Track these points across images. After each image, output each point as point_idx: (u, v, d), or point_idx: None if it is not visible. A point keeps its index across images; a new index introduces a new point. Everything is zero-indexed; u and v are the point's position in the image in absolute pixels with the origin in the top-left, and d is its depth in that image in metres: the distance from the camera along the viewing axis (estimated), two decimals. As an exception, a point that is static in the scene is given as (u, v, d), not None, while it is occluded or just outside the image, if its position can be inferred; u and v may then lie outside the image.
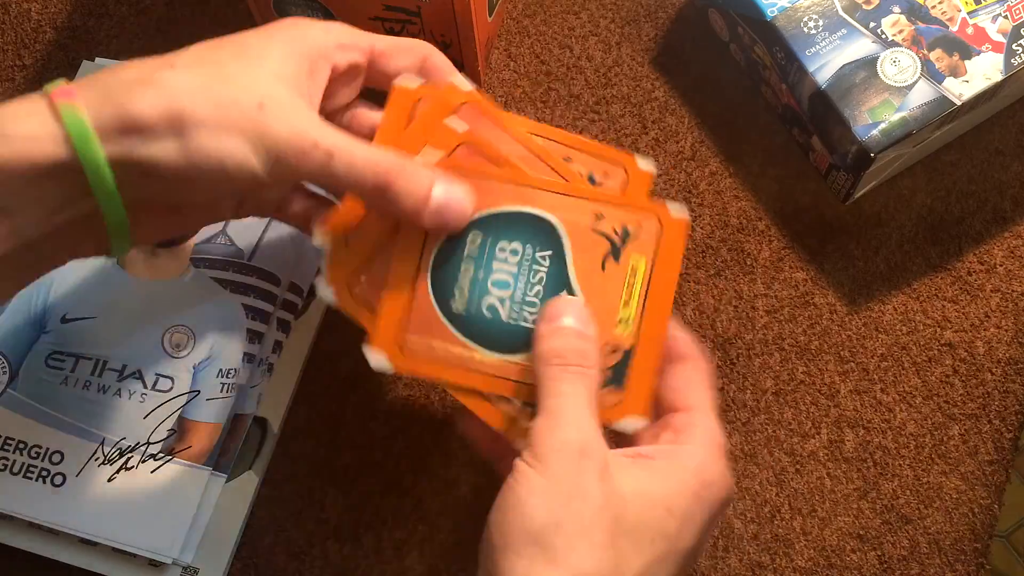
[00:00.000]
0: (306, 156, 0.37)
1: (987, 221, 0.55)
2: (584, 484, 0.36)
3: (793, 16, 0.52)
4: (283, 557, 0.50)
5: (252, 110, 0.37)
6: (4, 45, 0.60)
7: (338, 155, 0.38)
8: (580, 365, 0.40)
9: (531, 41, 0.59)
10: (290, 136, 0.37)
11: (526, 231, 0.42)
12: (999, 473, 0.52)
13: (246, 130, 0.36)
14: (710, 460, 0.40)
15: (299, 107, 0.38)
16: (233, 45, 0.39)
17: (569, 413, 0.38)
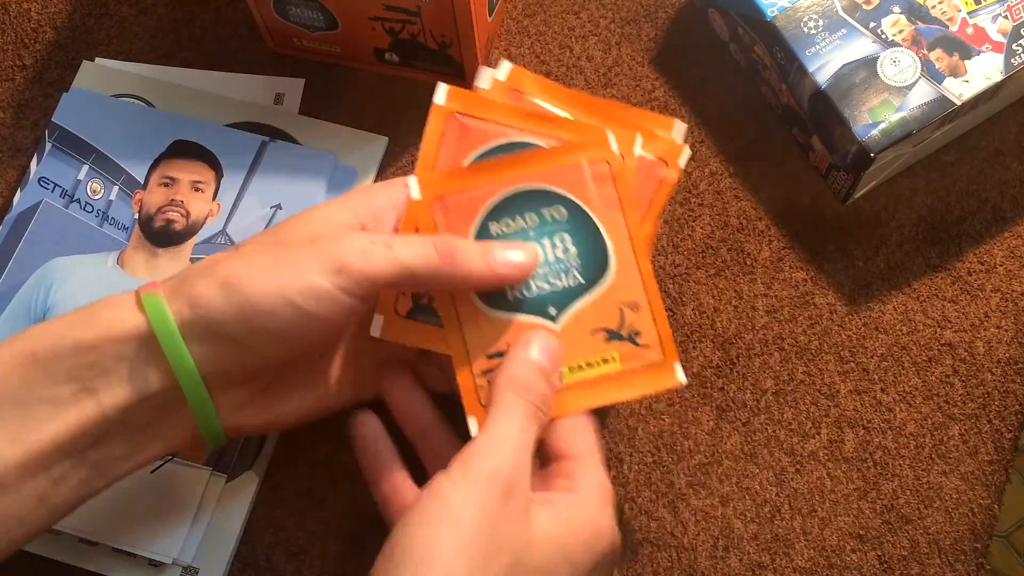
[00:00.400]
0: (368, 253, 0.39)
1: (987, 221, 0.55)
2: (496, 520, 0.37)
3: (793, 16, 0.52)
4: (283, 557, 0.50)
5: (303, 246, 0.39)
6: (4, 45, 0.60)
7: (396, 242, 0.40)
8: (539, 407, 0.41)
9: (531, 41, 0.59)
10: (346, 244, 0.39)
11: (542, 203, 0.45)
12: (999, 473, 0.52)
13: (303, 259, 0.39)
14: (601, 510, 0.41)
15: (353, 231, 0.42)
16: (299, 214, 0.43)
17: (511, 444, 0.39)
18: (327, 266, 0.38)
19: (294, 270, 0.38)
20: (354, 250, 0.39)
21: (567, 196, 0.45)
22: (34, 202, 0.54)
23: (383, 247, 0.39)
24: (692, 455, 0.52)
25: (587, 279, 0.44)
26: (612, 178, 0.45)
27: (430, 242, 0.40)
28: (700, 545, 0.50)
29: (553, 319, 0.44)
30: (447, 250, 0.40)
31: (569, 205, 0.45)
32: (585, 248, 0.45)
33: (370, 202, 0.43)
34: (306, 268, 0.38)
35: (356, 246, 0.39)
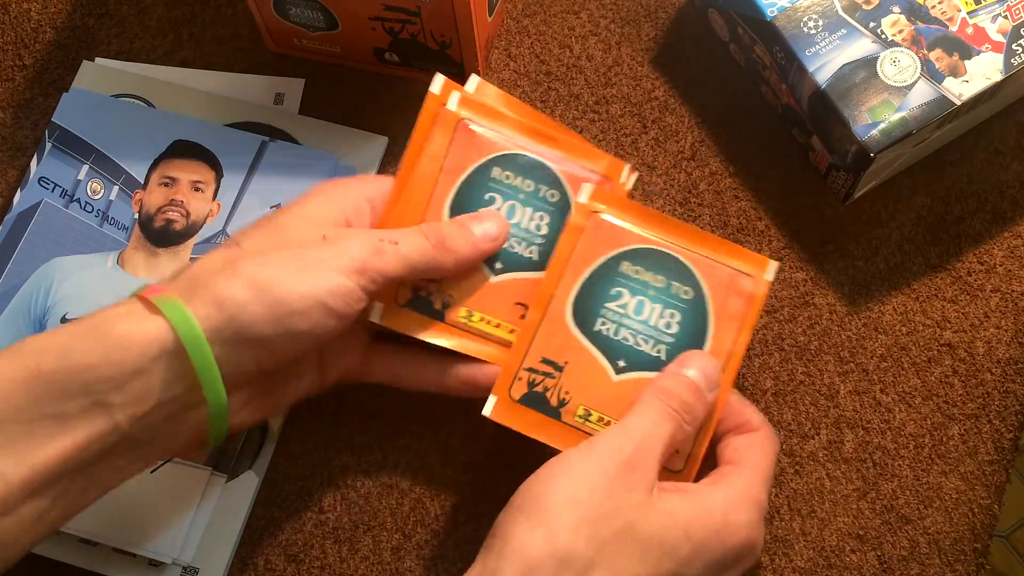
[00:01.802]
0: (382, 252, 0.41)
1: (987, 221, 0.55)
2: (612, 485, 0.39)
3: (793, 16, 0.52)
4: (282, 558, 0.50)
5: (317, 244, 0.41)
6: (4, 45, 0.60)
7: (401, 240, 0.42)
8: (679, 412, 0.42)
9: (531, 41, 0.59)
10: (361, 244, 0.41)
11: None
12: (999, 473, 0.52)
13: (324, 260, 0.40)
14: (740, 506, 0.41)
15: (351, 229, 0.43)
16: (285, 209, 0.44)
17: (639, 432, 0.41)
18: (350, 267, 0.40)
19: (320, 272, 0.40)
20: (370, 250, 0.41)
21: (701, 286, 0.47)
22: (34, 202, 0.54)
23: (391, 245, 0.42)
24: (692, 455, 0.52)
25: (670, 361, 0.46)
26: (749, 297, 0.46)
27: (421, 232, 0.44)
28: (700, 545, 0.50)
29: (618, 371, 0.45)
30: (437, 238, 0.44)
31: (698, 295, 0.46)
32: (685, 337, 0.46)
33: (349, 197, 0.45)
34: (331, 269, 0.40)
35: (370, 246, 0.41)
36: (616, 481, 0.39)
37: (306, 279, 0.39)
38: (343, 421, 0.52)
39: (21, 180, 0.56)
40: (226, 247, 0.41)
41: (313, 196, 0.44)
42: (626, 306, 0.46)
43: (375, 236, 0.42)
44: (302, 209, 0.43)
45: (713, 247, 0.47)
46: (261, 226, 0.43)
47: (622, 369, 0.45)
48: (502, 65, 0.58)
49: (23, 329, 0.52)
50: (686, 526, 0.39)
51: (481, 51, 0.55)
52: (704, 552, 0.39)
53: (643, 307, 0.46)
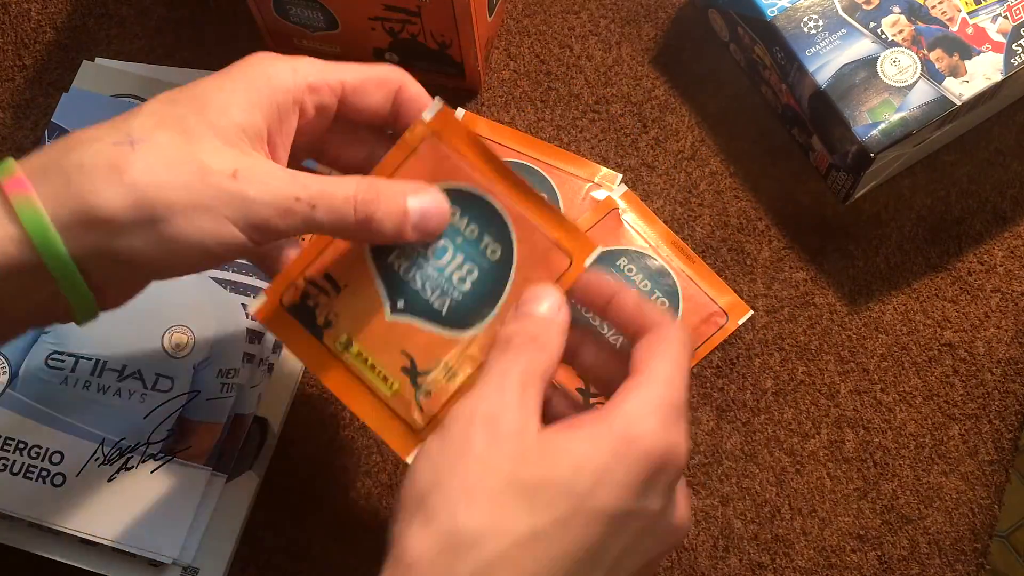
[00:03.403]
0: (290, 213, 0.37)
1: (987, 221, 0.55)
2: (474, 444, 0.34)
3: (793, 16, 0.52)
4: (282, 558, 0.50)
5: (226, 181, 0.35)
6: (4, 45, 0.60)
7: (320, 203, 0.37)
8: (525, 344, 0.37)
9: (531, 41, 0.59)
10: (271, 199, 0.36)
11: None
12: (999, 473, 0.52)
13: (226, 204, 0.35)
14: (641, 415, 0.35)
15: (271, 165, 0.37)
16: (193, 100, 0.37)
17: (490, 387, 0.36)
18: (247, 221, 0.36)
19: (214, 218, 0.35)
20: (277, 209, 0.36)
21: (513, 251, 0.41)
22: (34, 202, 0.54)
23: (306, 207, 0.37)
24: (692, 455, 0.52)
25: (453, 319, 0.40)
26: (557, 278, 0.40)
27: (349, 202, 0.38)
28: (700, 545, 0.50)
29: (394, 310, 0.41)
30: (365, 215, 0.38)
31: (506, 258, 0.41)
32: (474, 299, 0.41)
33: (276, 97, 0.38)
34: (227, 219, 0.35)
35: (280, 204, 0.36)
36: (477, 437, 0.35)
37: (196, 220, 0.35)
38: (343, 422, 0.52)
39: (21, 180, 0.56)
40: (116, 135, 0.35)
41: (238, 92, 0.38)
42: (429, 246, 0.41)
43: (292, 191, 0.36)
44: (221, 117, 0.37)
45: (543, 214, 0.41)
46: (166, 125, 0.36)
47: (399, 310, 0.41)
48: (502, 65, 0.58)
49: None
50: (577, 459, 0.34)
51: (481, 51, 0.55)
52: (607, 478, 0.34)
53: (444, 253, 0.41)
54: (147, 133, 0.35)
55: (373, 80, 0.41)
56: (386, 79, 0.41)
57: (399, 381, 0.40)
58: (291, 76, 0.39)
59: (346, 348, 0.41)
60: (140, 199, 0.34)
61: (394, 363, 0.40)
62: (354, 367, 0.41)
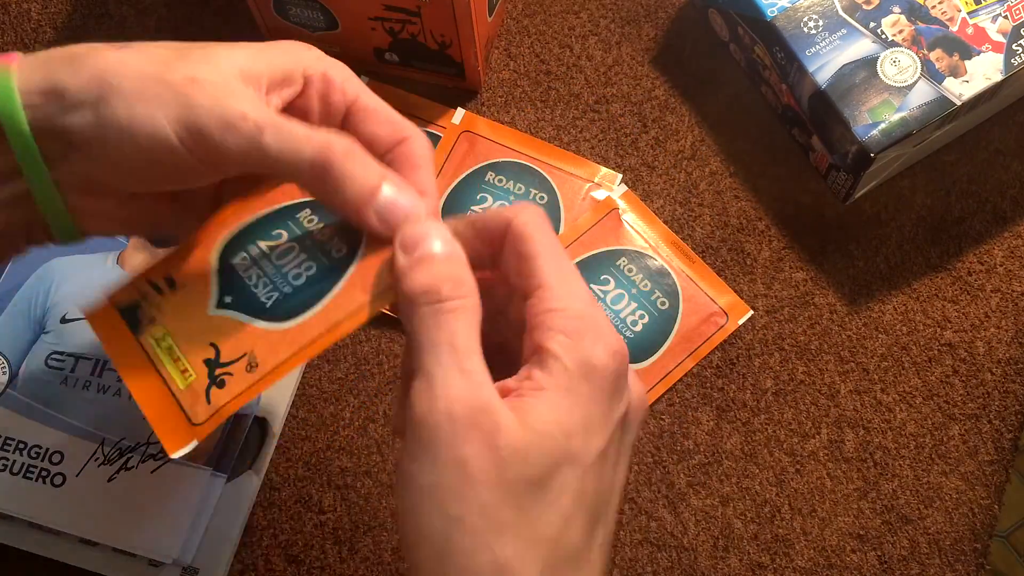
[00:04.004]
0: (232, 129, 0.33)
1: (987, 221, 0.55)
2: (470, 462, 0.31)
3: (793, 16, 0.52)
4: (282, 558, 0.50)
5: (179, 83, 0.34)
6: (4, 45, 0.60)
7: (270, 129, 0.34)
8: (457, 297, 0.33)
9: (531, 41, 0.59)
10: (214, 106, 0.33)
11: None
12: (999, 473, 0.52)
13: (166, 101, 0.33)
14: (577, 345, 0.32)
15: (238, 88, 0.34)
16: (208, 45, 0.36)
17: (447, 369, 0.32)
18: (182, 122, 0.34)
19: (150, 109, 0.33)
20: (220, 119, 0.34)
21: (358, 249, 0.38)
22: (34, 202, 0.54)
23: (252, 127, 0.34)
24: (692, 455, 0.52)
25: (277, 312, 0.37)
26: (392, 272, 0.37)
27: (312, 152, 0.34)
28: (700, 545, 0.50)
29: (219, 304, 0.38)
30: (324, 160, 0.34)
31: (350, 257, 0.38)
32: (307, 292, 0.38)
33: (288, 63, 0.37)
34: (162, 112, 0.34)
35: (223, 114, 0.34)
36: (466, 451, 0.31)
37: (132, 107, 0.33)
38: (343, 423, 0.52)
39: (21, 180, 0.56)
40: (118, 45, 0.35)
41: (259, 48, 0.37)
42: (274, 248, 0.39)
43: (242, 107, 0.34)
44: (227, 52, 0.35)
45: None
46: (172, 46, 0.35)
47: (224, 304, 0.38)
48: (502, 65, 0.58)
49: (23, 330, 0.52)
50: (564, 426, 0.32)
51: (481, 51, 0.55)
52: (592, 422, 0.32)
53: (289, 254, 0.39)
54: (145, 47, 0.35)
55: (384, 114, 0.38)
56: (398, 123, 0.38)
57: (197, 373, 0.37)
58: (313, 58, 0.37)
59: (159, 343, 0.38)
60: (94, 77, 0.33)
61: (199, 355, 0.37)
62: (159, 360, 0.38)
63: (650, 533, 0.50)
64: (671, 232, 0.55)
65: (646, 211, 0.55)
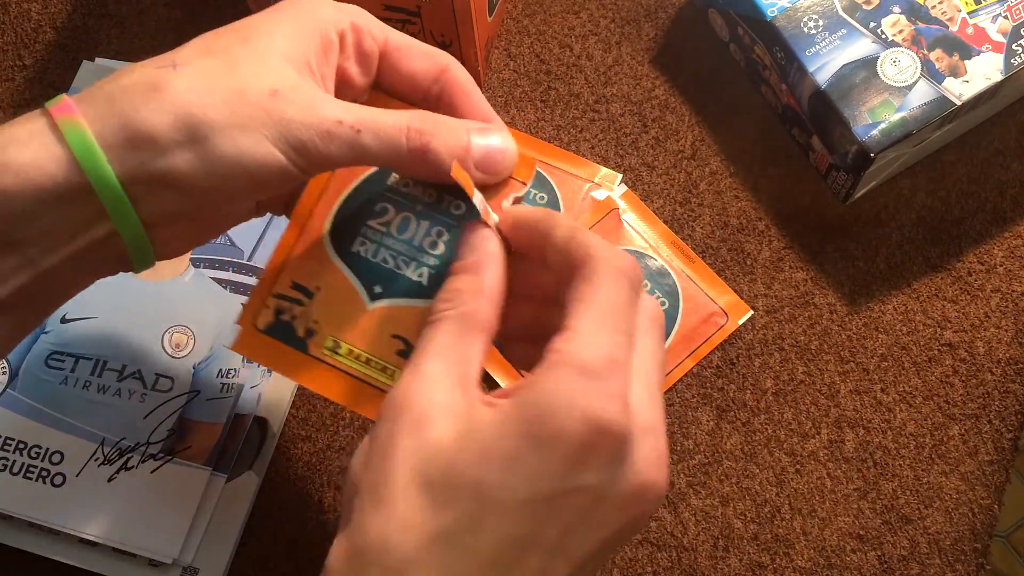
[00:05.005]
0: (333, 136, 0.35)
1: (987, 221, 0.55)
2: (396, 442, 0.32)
3: (793, 16, 0.52)
4: (283, 558, 0.50)
5: (265, 99, 0.34)
6: (4, 45, 0.60)
7: (366, 128, 0.35)
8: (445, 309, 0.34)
9: (531, 41, 0.59)
10: (311, 119, 0.35)
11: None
12: (999, 473, 0.52)
13: (264, 123, 0.34)
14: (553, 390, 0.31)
15: (313, 88, 0.36)
16: (238, 30, 0.37)
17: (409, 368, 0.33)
18: (287, 142, 0.35)
19: (254, 137, 0.34)
20: (318, 130, 0.35)
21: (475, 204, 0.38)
22: (34, 202, 0.54)
23: (350, 131, 0.35)
24: (692, 455, 0.52)
25: (436, 286, 0.37)
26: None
27: (403, 133, 0.36)
28: (700, 545, 0.50)
29: (373, 297, 0.39)
30: (420, 144, 0.36)
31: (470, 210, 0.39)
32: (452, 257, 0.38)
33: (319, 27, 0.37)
34: (266, 138, 0.34)
35: (320, 125, 0.35)
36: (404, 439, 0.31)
37: (236, 139, 0.34)
38: (343, 422, 0.52)
39: (21, 180, 0.56)
40: (159, 63, 0.35)
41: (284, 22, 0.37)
42: (389, 224, 0.39)
43: (334, 114, 0.35)
44: (264, 43, 0.36)
45: None
46: (211, 53, 0.36)
47: (377, 295, 0.39)
48: (502, 65, 0.58)
49: None
50: (485, 446, 0.31)
51: (481, 51, 0.55)
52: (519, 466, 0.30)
53: (407, 225, 0.39)
54: (190, 59, 0.35)
55: (421, 49, 0.39)
56: (434, 54, 0.39)
57: (398, 366, 0.38)
58: (333, 12, 0.37)
59: (335, 351, 0.39)
60: (181, 116, 0.33)
61: (388, 350, 0.38)
62: (349, 368, 0.38)
63: (650, 533, 0.50)
64: (671, 232, 0.55)
65: (646, 211, 0.55)
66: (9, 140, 0.33)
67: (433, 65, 0.39)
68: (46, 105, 0.34)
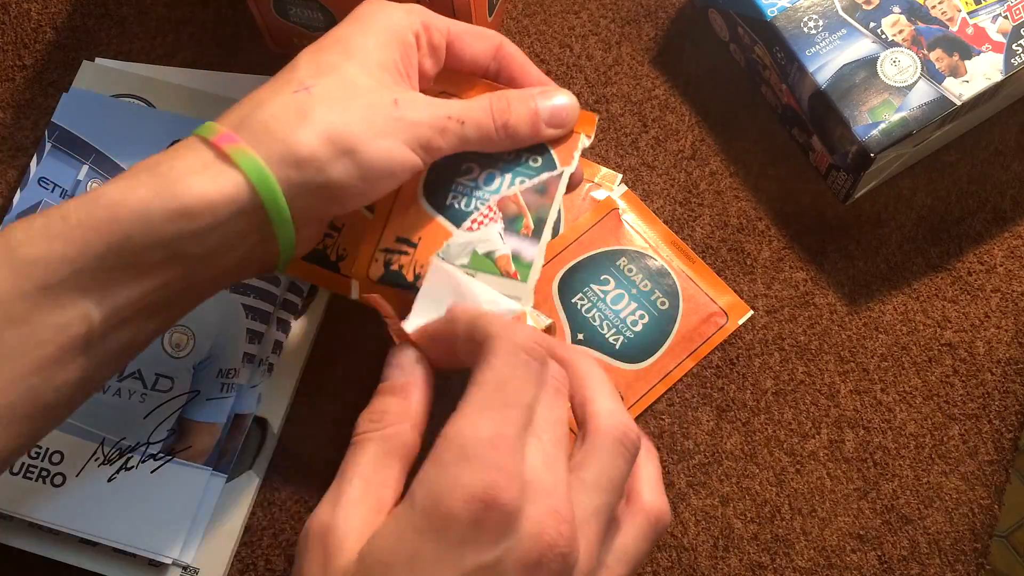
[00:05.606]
0: (447, 131, 0.41)
1: (987, 221, 0.55)
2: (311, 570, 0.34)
3: (793, 16, 0.52)
4: (282, 558, 0.50)
5: (391, 109, 0.40)
6: (4, 45, 0.60)
7: (467, 119, 0.42)
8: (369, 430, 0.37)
9: (531, 41, 0.59)
10: (429, 120, 0.41)
11: None
12: (999, 473, 0.52)
13: (396, 129, 0.40)
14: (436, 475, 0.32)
15: (417, 93, 0.42)
16: (337, 46, 0.41)
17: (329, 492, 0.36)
18: (417, 142, 0.40)
19: (392, 141, 0.40)
20: (437, 128, 0.41)
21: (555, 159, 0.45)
22: (34, 202, 0.54)
23: (457, 124, 0.42)
24: (692, 455, 0.52)
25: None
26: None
27: (488, 112, 0.43)
28: (700, 545, 0.50)
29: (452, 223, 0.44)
30: (503, 121, 0.43)
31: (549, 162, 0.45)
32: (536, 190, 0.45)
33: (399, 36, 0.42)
34: (401, 141, 0.40)
35: (438, 123, 0.41)
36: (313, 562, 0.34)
37: (381, 145, 0.39)
38: (343, 421, 0.52)
39: (21, 180, 0.56)
40: (290, 86, 0.40)
41: (371, 34, 0.42)
42: (477, 179, 0.45)
43: (444, 111, 0.41)
44: (365, 57, 0.41)
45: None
46: (325, 70, 0.40)
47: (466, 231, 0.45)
48: (502, 65, 0.58)
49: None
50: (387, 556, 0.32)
51: (481, 51, 0.55)
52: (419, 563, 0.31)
53: (493, 178, 0.45)
54: (314, 78, 0.40)
55: (476, 32, 0.45)
56: (488, 35, 0.45)
57: None
58: (406, 16, 0.43)
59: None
60: (332, 137, 0.38)
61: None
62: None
63: (650, 533, 0.50)
64: (671, 232, 0.55)
65: (646, 211, 0.55)
66: (186, 171, 0.38)
67: (490, 46, 0.45)
68: (202, 134, 0.39)
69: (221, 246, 0.38)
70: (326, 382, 0.53)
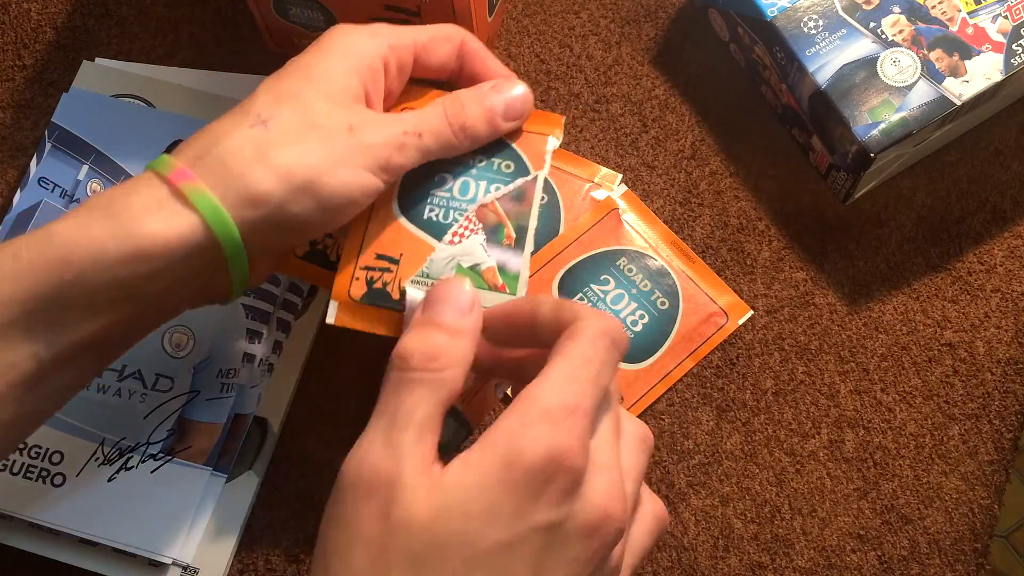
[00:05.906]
0: (405, 147, 0.41)
1: (987, 221, 0.55)
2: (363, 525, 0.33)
3: (793, 16, 0.52)
4: (282, 558, 0.50)
5: (346, 136, 0.40)
6: (4, 45, 0.60)
7: (423, 130, 0.42)
8: (423, 369, 0.35)
9: (531, 41, 0.59)
10: (385, 139, 0.40)
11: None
12: (999, 473, 0.52)
13: (354, 155, 0.40)
14: (520, 430, 0.33)
15: (375, 114, 0.42)
16: (298, 73, 0.41)
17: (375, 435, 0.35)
18: (376, 164, 0.40)
19: (351, 169, 0.40)
20: (394, 146, 0.41)
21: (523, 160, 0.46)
22: (34, 202, 0.54)
23: (415, 137, 0.41)
24: (692, 455, 0.52)
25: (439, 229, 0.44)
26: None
27: (443, 118, 0.43)
28: (700, 545, 0.50)
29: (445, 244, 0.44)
30: (459, 124, 0.43)
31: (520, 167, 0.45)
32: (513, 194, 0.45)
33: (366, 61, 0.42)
34: (360, 167, 0.40)
35: (395, 141, 0.41)
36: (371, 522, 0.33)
37: (339, 176, 0.39)
38: (343, 421, 0.52)
39: (21, 180, 0.56)
40: (249, 121, 0.39)
41: (334, 60, 0.42)
42: (451, 189, 0.45)
43: (399, 128, 0.41)
44: (326, 84, 0.41)
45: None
46: (284, 100, 0.40)
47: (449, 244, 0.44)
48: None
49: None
50: (466, 503, 0.32)
51: (481, 51, 0.55)
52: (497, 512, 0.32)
53: (468, 187, 0.45)
54: (272, 110, 0.40)
55: (439, 37, 0.45)
56: (450, 36, 0.45)
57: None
58: (372, 40, 0.42)
59: None
60: (288, 174, 0.38)
61: None
62: None
63: (650, 533, 0.50)
64: (671, 232, 0.55)
65: (646, 211, 0.55)
66: (141, 210, 0.37)
67: (452, 48, 0.45)
68: (155, 169, 0.38)
69: (174, 284, 0.38)
70: (326, 382, 0.53)
